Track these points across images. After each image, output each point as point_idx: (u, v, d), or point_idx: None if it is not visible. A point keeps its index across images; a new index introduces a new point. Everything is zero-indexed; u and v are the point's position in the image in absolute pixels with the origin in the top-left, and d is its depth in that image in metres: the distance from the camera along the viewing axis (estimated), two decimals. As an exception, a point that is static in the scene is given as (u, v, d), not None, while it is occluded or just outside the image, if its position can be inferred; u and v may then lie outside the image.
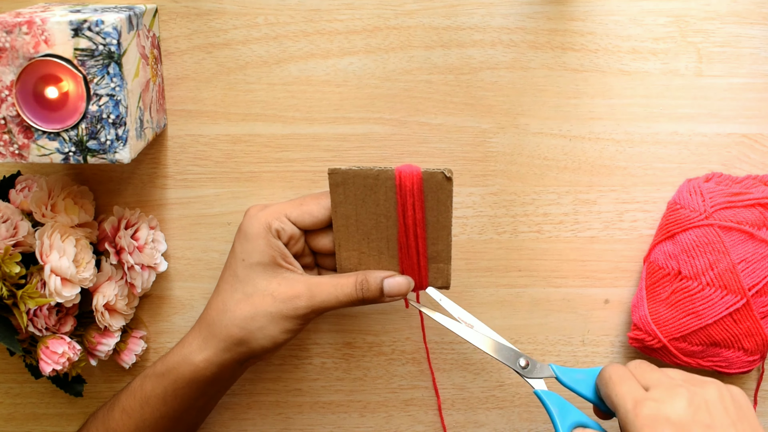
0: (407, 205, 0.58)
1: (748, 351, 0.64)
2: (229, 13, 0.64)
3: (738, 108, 0.66)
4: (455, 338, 0.70)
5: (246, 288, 0.59)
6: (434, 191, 0.58)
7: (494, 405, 0.72)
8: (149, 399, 0.60)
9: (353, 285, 0.59)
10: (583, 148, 0.67)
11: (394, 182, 0.58)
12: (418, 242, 0.60)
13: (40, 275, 0.60)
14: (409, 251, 0.60)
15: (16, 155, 0.55)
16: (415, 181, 0.58)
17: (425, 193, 0.58)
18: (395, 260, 0.61)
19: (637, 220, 0.68)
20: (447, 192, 0.58)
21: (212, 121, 0.66)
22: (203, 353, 0.59)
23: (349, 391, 0.71)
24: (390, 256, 0.61)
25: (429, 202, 0.59)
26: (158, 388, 0.60)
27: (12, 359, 0.70)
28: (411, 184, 0.58)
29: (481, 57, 0.65)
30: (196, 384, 0.60)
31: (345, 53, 0.65)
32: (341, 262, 0.62)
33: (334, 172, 0.59)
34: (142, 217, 0.66)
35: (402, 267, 0.61)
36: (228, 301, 0.59)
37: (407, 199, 0.58)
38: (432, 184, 0.58)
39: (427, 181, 0.58)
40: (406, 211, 0.59)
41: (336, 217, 0.60)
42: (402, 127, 0.66)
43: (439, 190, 0.58)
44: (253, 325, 0.58)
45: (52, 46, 0.53)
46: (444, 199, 0.58)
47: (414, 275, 0.61)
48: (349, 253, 0.61)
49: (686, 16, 0.65)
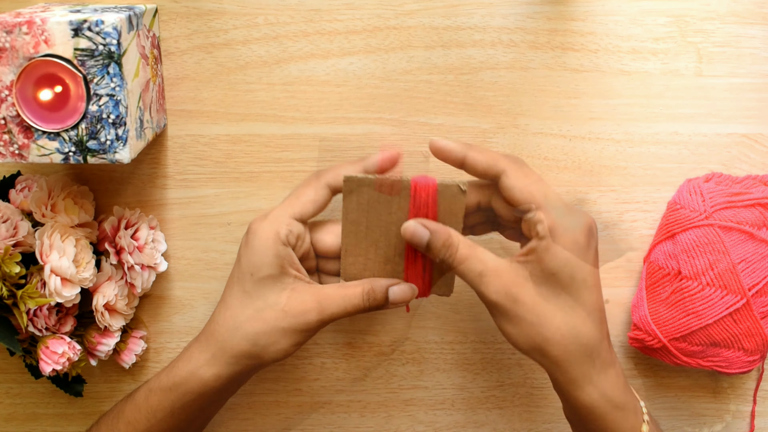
0: (420, 215, 0.59)
1: (748, 351, 0.64)
2: (229, 13, 0.64)
3: (738, 108, 0.66)
4: (455, 338, 0.70)
5: (256, 303, 0.58)
6: (447, 202, 0.59)
7: (494, 405, 0.72)
8: (156, 413, 0.60)
9: (361, 295, 0.59)
10: (583, 148, 0.67)
11: (409, 192, 0.58)
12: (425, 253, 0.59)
13: (40, 275, 0.60)
14: (416, 260, 0.60)
15: (16, 155, 0.55)
16: (430, 193, 0.58)
17: (438, 203, 0.59)
18: (400, 268, 0.61)
19: (637, 220, 0.68)
20: (460, 204, 0.59)
21: (212, 121, 0.66)
22: (213, 369, 0.59)
23: (349, 391, 0.71)
24: (395, 263, 0.61)
25: (441, 214, 0.59)
26: (165, 402, 0.60)
27: (12, 359, 0.70)
28: (426, 196, 0.58)
29: (481, 57, 0.65)
30: (205, 397, 0.60)
31: (345, 53, 0.65)
32: (346, 268, 0.61)
33: (349, 180, 0.58)
34: (142, 217, 0.66)
35: (407, 274, 0.61)
36: (238, 317, 0.58)
37: (420, 210, 0.59)
38: (446, 195, 0.58)
39: (441, 193, 0.58)
40: (417, 216, 0.59)
41: (346, 223, 0.60)
42: (402, 127, 0.66)
43: (453, 201, 0.59)
44: (266, 340, 0.58)
45: (52, 46, 0.53)
46: (457, 211, 0.59)
47: (418, 283, 0.61)
48: (355, 259, 0.61)
49: (686, 16, 0.65)
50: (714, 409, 0.71)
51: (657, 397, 0.71)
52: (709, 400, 0.71)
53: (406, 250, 0.60)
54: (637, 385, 0.70)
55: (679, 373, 0.71)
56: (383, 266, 0.61)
